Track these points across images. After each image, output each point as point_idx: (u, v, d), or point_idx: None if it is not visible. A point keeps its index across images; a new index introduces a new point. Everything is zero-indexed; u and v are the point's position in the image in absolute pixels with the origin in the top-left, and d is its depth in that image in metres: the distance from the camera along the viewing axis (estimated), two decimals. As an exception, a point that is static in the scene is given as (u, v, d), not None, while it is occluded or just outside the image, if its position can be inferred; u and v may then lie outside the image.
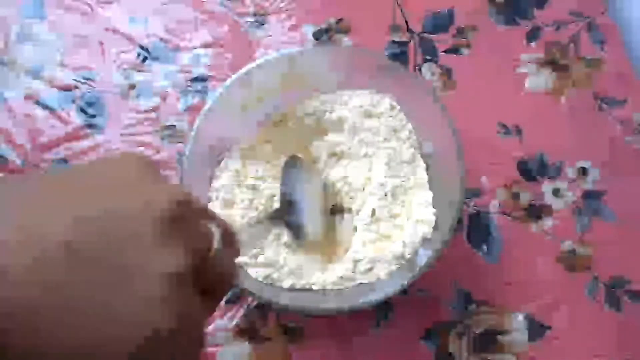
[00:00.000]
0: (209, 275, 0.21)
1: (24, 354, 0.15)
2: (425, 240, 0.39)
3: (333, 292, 0.39)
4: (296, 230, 0.39)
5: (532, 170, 0.47)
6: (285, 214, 0.39)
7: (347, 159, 0.45)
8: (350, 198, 0.43)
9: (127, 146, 0.48)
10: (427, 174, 0.43)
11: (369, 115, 0.44)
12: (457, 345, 0.42)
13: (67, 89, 0.49)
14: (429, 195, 0.41)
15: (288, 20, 0.52)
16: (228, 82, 0.41)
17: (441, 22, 0.53)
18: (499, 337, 0.43)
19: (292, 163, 0.41)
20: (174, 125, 0.48)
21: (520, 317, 0.43)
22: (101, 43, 0.51)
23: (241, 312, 0.43)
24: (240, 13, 0.53)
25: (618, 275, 0.44)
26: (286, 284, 0.39)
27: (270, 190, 0.42)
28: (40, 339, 0.15)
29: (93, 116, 0.49)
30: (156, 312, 0.18)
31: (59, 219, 0.17)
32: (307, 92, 0.44)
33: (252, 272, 0.39)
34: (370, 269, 0.39)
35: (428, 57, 0.51)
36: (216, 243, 0.22)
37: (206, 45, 0.51)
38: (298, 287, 0.39)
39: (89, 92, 0.49)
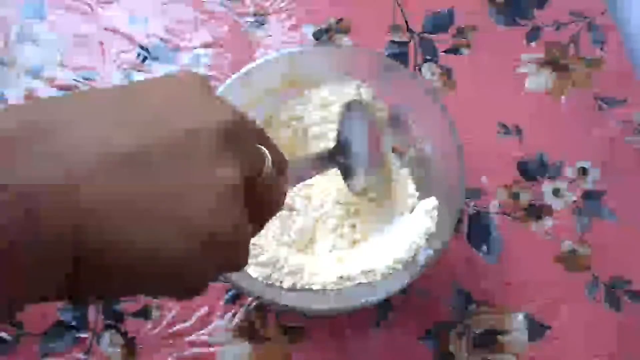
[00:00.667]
0: (259, 196, 0.22)
1: (97, 249, 0.17)
2: (426, 240, 0.39)
3: (333, 292, 0.39)
4: (348, 173, 0.38)
5: (532, 170, 0.47)
6: (339, 155, 0.37)
7: None
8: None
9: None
10: (428, 174, 0.43)
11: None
12: (457, 345, 0.42)
13: (67, 89, 0.49)
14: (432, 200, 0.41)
15: (288, 20, 0.52)
16: (228, 82, 0.41)
17: (441, 22, 0.53)
18: (499, 337, 0.43)
19: (352, 106, 0.39)
20: (174, 125, 0.48)
21: (520, 317, 0.43)
22: (101, 43, 0.51)
23: (241, 312, 0.43)
24: (240, 13, 0.53)
25: (618, 275, 0.44)
26: (286, 284, 0.39)
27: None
28: (111, 235, 0.17)
29: (93, 116, 0.48)
30: (213, 219, 0.19)
31: (123, 131, 0.18)
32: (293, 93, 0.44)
33: (252, 272, 0.39)
34: (371, 270, 0.39)
35: (428, 57, 0.51)
36: (268, 165, 0.23)
37: (206, 45, 0.51)
38: (298, 287, 0.39)
39: (89, 92, 0.49)
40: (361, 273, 0.39)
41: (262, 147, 0.23)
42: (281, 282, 0.39)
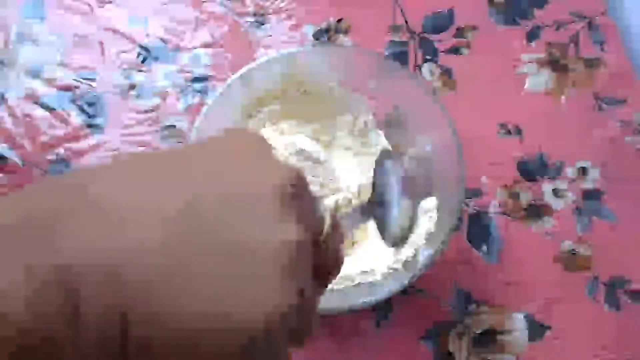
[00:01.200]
0: (320, 259, 0.21)
1: (144, 326, 0.15)
2: (426, 240, 0.39)
3: (333, 292, 0.39)
4: (380, 225, 0.37)
5: (532, 170, 0.47)
6: (375, 208, 0.36)
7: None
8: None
9: (127, 146, 0.48)
10: (427, 174, 0.43)
11: None
12: (457, 345, 0.42)
13: (67, 89, 0.49)
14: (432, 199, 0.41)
15: (288, 20, 0.52)
16: (228, 82, 0.41)
17: (441, 22, 0.53)
18: (499, 337, 0.43)
19: (385, 155, 0.39)
20: (174, 125, 0.48)
21: (520, 317, 0.43)
22: (101, 43, 0.51)
23: (241, 312, 0.43)
24: (240, 13, 0.53)
25: (618, 275, 0.44)
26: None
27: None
28: (162, 307, 0.15)
29: (93, 116, 0.49)
30: (277, 287, 0.17)
31: (177, 194, 0.16)
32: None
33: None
34: (371, 270, 0.39)
35: (428, 57, 0.51)
36: (327, 226, 0.22)
37: (206, 45, 0.51)
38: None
39: (89, 92, 0.49)
40: (361, 273, 0.39)
41: (320, 208, 0.22)
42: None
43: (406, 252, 0.39)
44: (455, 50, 0.52)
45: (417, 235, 0.40)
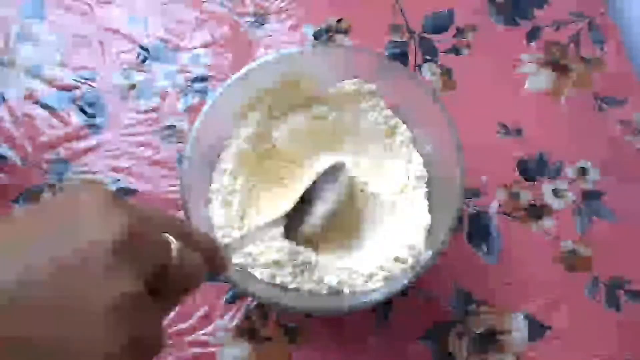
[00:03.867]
0: (172, 276, 0.23)
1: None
2: (425, 240, 0.39)
3: (333, 292, 0.39)
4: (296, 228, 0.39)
5: (532, 170, 0.47)
6: (292, 217, 0.38)
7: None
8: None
9: (127, 146, 0.48)
10: (428, 174, 0.43)
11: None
12: (457, 345, 0.42)
13: (67, 89, 0.49)
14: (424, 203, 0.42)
15: (288, 20, 0.52)
16: (228, 82, 0.41)
17: (441, 22, 0.53)
18: (499, 337, 0.43)
19: (332, 170, 0.41)
20: (174, 125, 0.48)
21: (520, 317, 0.43)
22: (101, 43, 0.51)
23: (241, 312, 0.43)
24: (240, 13, 0.53)
25: (618, 275, 0.44)
26: (288, 284, 0.39)
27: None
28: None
29: (93, 116, 0.49)
30: (104, 337, 0.19)
31: (9, 267, 0.18)
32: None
33: (257, 272, 0.39)
34: (372, 275, 0.39)
35: (428, 57, 0.51)
36: (175, 250, 0.23)
37: (206, 45, 0.51)
38: (300, 287, 0.39)
39: (89, 92, 0.49)
40: (363, 277, 0.39)
41: (165, 236, 0.23)
42: (283, 282, 0.39)
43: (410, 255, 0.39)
44: (455, 50, 0.52)
45: (418, 238, 0.40)
